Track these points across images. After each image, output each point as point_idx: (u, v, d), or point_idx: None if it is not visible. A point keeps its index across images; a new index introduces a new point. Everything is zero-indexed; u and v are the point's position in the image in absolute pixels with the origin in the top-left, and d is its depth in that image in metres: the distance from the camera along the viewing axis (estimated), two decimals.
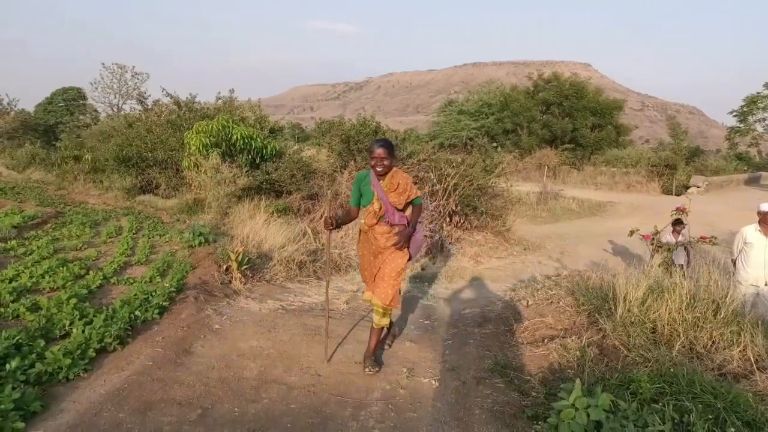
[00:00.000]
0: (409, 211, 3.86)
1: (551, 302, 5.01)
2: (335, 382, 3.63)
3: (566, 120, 30.84)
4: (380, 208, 3.71)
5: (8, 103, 28.37)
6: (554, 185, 20.09)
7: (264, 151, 12.13)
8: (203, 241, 7.90)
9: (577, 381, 2.70)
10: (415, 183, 4.23)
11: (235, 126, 11.91)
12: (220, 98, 16.30)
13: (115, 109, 36.05)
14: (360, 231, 3.97)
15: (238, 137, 11.64)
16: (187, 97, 16.16)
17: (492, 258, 8.80)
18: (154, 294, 5.21)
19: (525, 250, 9.67)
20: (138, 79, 37.01)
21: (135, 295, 5.15)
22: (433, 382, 3.66)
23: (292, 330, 4.65)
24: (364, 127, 10.91)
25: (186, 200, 12.14)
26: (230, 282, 6.04)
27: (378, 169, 3.66)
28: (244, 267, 6.29)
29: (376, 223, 3.77)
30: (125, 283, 5.85)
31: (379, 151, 3.65)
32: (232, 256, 6.28)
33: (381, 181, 3.72)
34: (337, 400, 3.34)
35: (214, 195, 10.59)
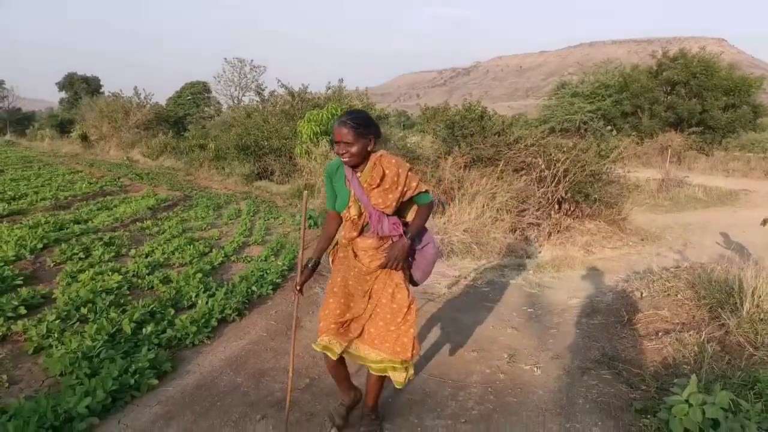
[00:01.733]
0: (411, 215, 2.67)
1: (668, 294, 4.67)
2: (434, 363, 3.68)
3: (693, 101, 28.05)
4: (360, 214, 2.53)
5: (145, 97, 31.55)
6: (678, 171, 18.48)
7: None
8: (313, 224, 8.31)
9: (693, 376, 2.52)
10: (417, 172, 2.62)
11: None
12: (329, 88, 16.88)
13: (236, 101, 38.62)
14: (335, 245, 2.79)
15: None
16: (299, 88, 16.92)
17: (605, 248, 8.33)
18: (268, 272, 5.59)
19: (642, 240, 9.04)
20: (256, 71, 39.29)
21: (252, 272, 5.57)
22: (535, 369, 3.58)
23: None
24: (469, 113, 10.77)
25: (298, 185, 12.78)
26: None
27: (345, 159, 2.47)
28: None
29: (358, 236, 2.58)
30: (243, 261, 6.33)
31: (341, 132, 2.42)
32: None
33: (358, 174, 2.53)
34: (436, 380, 3.40)
35: (323, 181, 11.05)
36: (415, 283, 2.79)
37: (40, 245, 6.19)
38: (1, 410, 2.72)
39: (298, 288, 2.77)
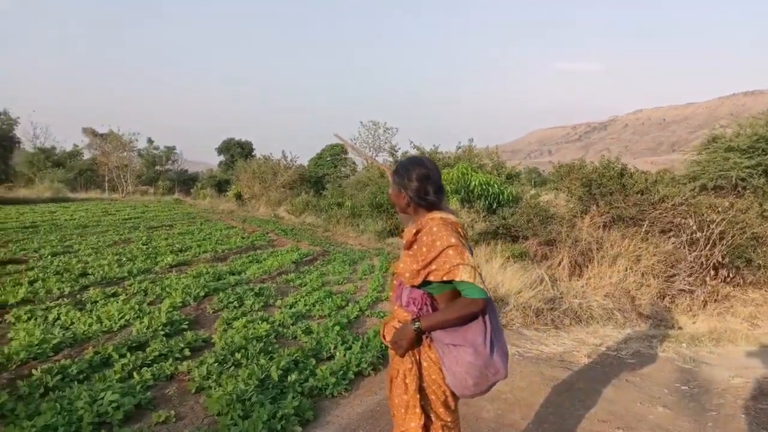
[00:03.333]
0: (445, 298, 2.06)
1: None
2: None
3: None
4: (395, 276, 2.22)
5: (290, 159, 34.55)
6: None
7: (501, 196, 12.37)
8: None
9: None
10: (463, 252, 1.98)
11: (473, 173, 12.46)
12: (459, 147, 17.24)
13: (370, 161, 40.77)
14: None
15: (476, 184, 12.13)
16: (430, 148, 17.49)
17: None
18: None
19: None
20: (389, 133, 41.36)
21: (377, 329, 5.74)
22: None
23: (529, 378, 4.60)
24: (607, 170, 10.33)
25: None
26: None
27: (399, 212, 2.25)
28: None
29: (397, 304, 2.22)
30: (376, 316, 6.55)
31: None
32: None
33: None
34: None
35: None
36: (458, 394, 2.12)
37: (202, 293, 6.97)
38: None
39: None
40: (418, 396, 2.08)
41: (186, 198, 35.47)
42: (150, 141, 46.87)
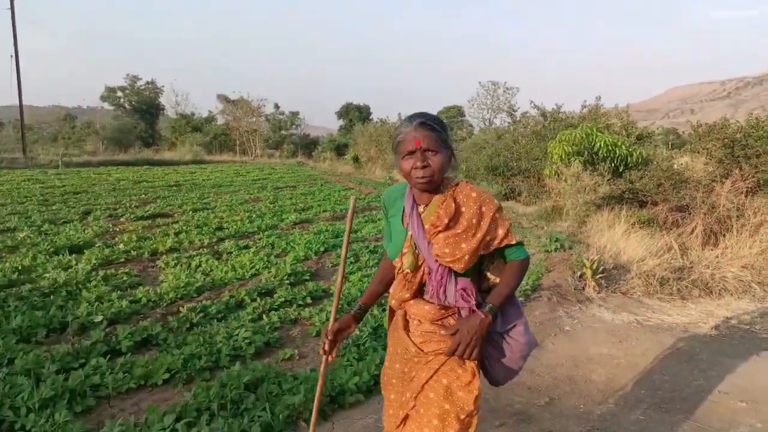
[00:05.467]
0: (494, 277, 1.80)
1: None
2: (691, 406, 3.30)
3: None
4: (417, 268, 1.75)
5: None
6: None
7: (629, 158, 11.54)
8: (559, 246, 8.12)
9: None
10: (506, 216, 1.76)
11: (598, 134, 11.71)
12: (585, 106, 16.21)
13: (487, 123, 39.80)
14: (389, 311, 2.00)
15: (602, 145, 11.41)
16: (552, 108, 16.65)
17: None
18: None
19: None
20: (509, 93, 39.97)
21: None
22: None
23: (646, 345, 4.40)
24: (755, 129, 9.18)
25: (545, 207, 12.56)
26: (583, 289, 6.07)
27: (422, 177, 1.65)
28: (599, 276, 6.22)
29: (412, 298, 1.80)
30: None
31: (419, 134, 1.64)
32: (587, 264, 6.29)
33: (421, 209, 1.76)
34: (691, 425, 3.06)
35: (572, 203, 10.67)
36: (493, 382, 1.92)
37: (321, 249, 7.43)
38: (294, 376, 3.43)
39: (328, 338, 1.87)
40: (476, 403, 1.71)
41: (308, 161, 37.27)
42: (276, 106, 49.53)
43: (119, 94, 45.30)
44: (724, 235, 7.78)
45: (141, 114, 44.93)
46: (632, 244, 7.49)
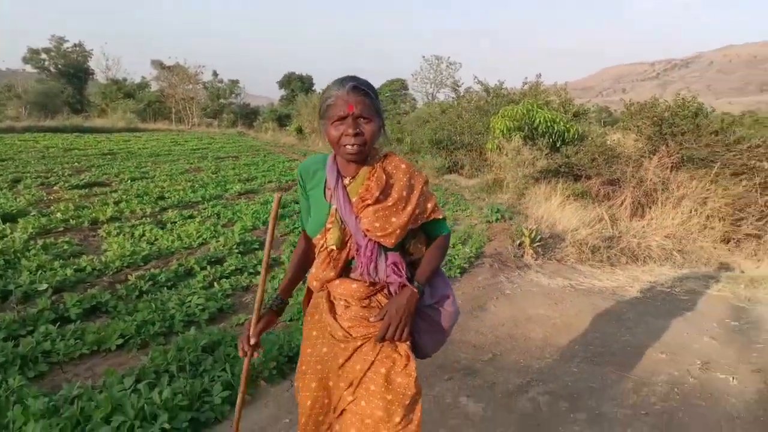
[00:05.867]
0: (416, 252, 1.74)
1: None
2: (618, 358, 3.66)
3: None
4: (343, 244, 1.62)
5: None
6: None
7: (566, 134, 12.07)
8: (500, 217, 8.50)
9: None
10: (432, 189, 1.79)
11: (538, 110, 12.16)
12: (526, 83, 16.69)
13: (430, 97, 40.09)
14: (306, 294, 1.89)
15: (541, 121, 11.86)
16: (495, 84, 17.05)
17: None
18: (456, 257, 5.97)
19: None
20: (452, 68, 40.30)
21: None
22: (731, 379, 3.35)
23: (579, 306, 4.77)
24: (681, 109, 9.84)
25: (486, 180, 12.98)
26: (522, 256, 6.43)
27: (352, 147, 1.52)
28: (536, 244, 6.59)
29: (337, 277, 1.67)
30: None
31: (352, 99, 1.50)
32: (526, 233, 6.65)
33: (346, 181, 1.64)
34: (618, 374, 3.40)
35: (512, 176, 11.09)
36: (422, 355, 1.80)
37: (269, 218, 7.42)
38: None
39: (252, 341, 1.73)
40: (417, 384, 1.63)
41: (249, 131, 36.36)
42: (215, 74, 47.73)
43: (43, 56, 42.21)
44: (650, 207, 8.39)
45: (68, 78, 42.09)
46: (567, 215, 7.95)
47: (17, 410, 2.44)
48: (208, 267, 5.06)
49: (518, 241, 6.82)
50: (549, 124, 11.90)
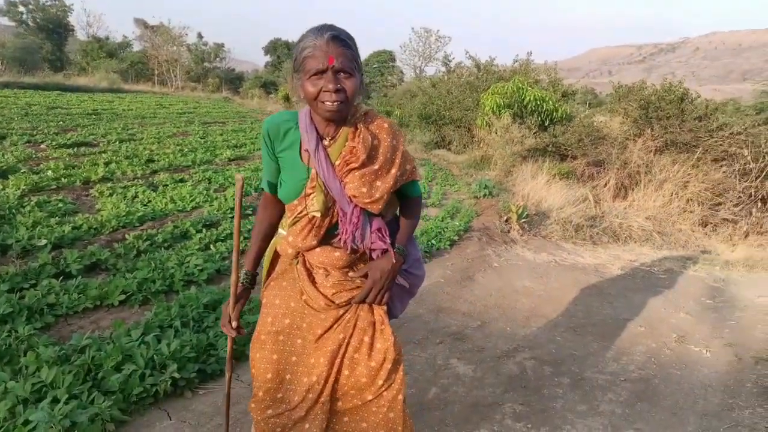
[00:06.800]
0: (388, 214, 1.68)
1: None
2: (600, 329, 3.87)
3: None
4: (325, 208, 1.50)
5: None
6: None
7: (554, 114, 12.23)
8: (487, 193, 8.66)
9: None
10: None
11: (528, 88, 12.27)
12: (516, 61, 16.73)
13: (418, 71, 39.83)
14: (273, 258, 1.73)
15: (531, 99, 11.98)
16: (486, 60, 17.05)
17: None
18: (445, 230, 6.12)
19: None
20: (441, 42, 39.95)
21: (431, 228, 6.14)
22: (705, 351, 3.59)
23: (563, 281, 4.98)
24: (668, 93, 10.03)
25: (474, 156, 13.13)
26: (509, 231, 6.62)
27: (333, 103, 1.37)
28: (522, 220, 6.78)
29: (318, 245, 1.56)
30: (423, 219, 6.94)
31: (333, 51, 1.34)
32: (513, 209, 6.83)
33: (326, 142, 1.50)
34: (600, 344, 3.61)
35: (501, 153, 11.25)
36: (391, 317, 1.72)
37: (261, 185, 7.48)
38: (249, 299, 3.62)
39: (233, 324, 1.69)
40: (397, 346, 1.61)
41: (234, 97, 35.83)
42: (200, 36, 46.65)
43: (21, 8, 40.73)
44: (633, 189, 8.63)
45: (47, 33, 40.74)
46: (553, 194, 8.15)
47: (30, 356, 2.53)
48: (204, 230, 5.13)
49: (505, 217, 7.00)
50: (539, 102, 12.03)
